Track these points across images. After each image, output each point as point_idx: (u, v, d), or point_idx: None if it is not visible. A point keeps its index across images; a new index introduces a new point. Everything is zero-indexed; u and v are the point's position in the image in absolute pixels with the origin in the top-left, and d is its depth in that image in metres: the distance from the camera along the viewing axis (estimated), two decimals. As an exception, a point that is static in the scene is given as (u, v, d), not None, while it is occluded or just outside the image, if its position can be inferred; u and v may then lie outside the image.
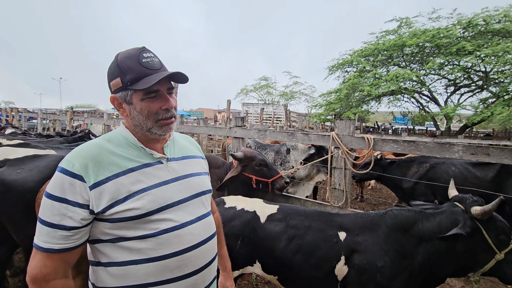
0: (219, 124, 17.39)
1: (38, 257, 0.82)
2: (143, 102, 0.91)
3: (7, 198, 1.83)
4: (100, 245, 0.89)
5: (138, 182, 0.89)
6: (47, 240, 0.81)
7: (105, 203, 0.84)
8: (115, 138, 0.95)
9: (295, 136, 2.93)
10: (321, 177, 4.17)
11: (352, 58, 14.65)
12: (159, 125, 0.93)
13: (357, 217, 1.69)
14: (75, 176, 0.82)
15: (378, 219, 1.63)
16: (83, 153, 0.87)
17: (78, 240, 0.85)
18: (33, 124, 12.51)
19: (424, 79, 13.67)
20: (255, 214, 1.81)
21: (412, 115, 19.10)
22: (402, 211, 1.64)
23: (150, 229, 0.88)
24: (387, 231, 1.57)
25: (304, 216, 1.74)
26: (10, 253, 2.09)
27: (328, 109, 14.42)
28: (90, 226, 0.87)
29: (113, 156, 0.89)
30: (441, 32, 11.79)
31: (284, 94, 27.76)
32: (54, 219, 0.81)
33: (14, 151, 2.11)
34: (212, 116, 26.86)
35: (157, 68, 0.92)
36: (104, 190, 0.84)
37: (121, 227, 0.86)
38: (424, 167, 3.71)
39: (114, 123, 6.48)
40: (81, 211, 0.82)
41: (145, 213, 0.87)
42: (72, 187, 0.82)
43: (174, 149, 1.05)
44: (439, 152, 2.12)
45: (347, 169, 2.57)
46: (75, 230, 0.83)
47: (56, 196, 0.81)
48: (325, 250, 1.59)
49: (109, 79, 0.93)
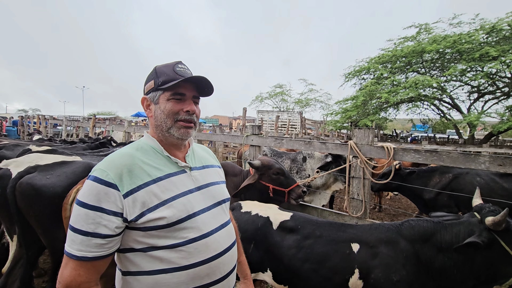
0: (234, 131, 17.52)
1: (71, 266, 0.83)
2: (168, 102, 0.97)
3: (37, 202, 1.92)
4: (130, 254, 0.91)
5: (167, 190, 0.92)
6: (81, 249, 0.82)
7: (138, 211, 0.86)
8: (141, 147, 0.98)
9: (312, 145, 2.92)
10: (338, 186, 4.10)
11: (369, 65, 14.44)
12: (178, 126, 0.97)
13: (371, 229, 1.64)
14: (110, 185, 0.85)
15: (394, 230, 1.58)
16: (116, 162, 0.89)
17: (111, 248, 0.87)
18: (58, 131, 13.11)
19: (445, 85, 13.24)
20: (268, 220, 1.81)
21: (433, 122, 18.49)
22: (419, 222, 1.58)
23: (180, 238, 0.90)
24: (404, 243, 1.51)
25: (316, 226, 1.72)
26: (38, 255, 2.18)
27: (344, 117, 14.21)
28: (122, 235, 0.89)
29: (143, 165, 0.93)
30: (462, 37, 11.43)
31: (299, 101, 27.69)
32: (89, 227, 0.82)
33: (44, 157, 2.22)
34: (227, 123, 27.12)
35: (188, 75, 0.98)
36: (136, 198, 0.87)
37: (153, 235, 0.88)
38: (447, 177, 3.57)
39: (134, 130, 6.69)
40: (116, 219, 0.84)
41: (175, 221, 0.89)
42: (106, 196, 0.84)
43: (195, 159, 1.08)
44: (463, 162, 2.04)
45: (366, 178, 2.53)
46: (110, 238, 0.84)
47: (90, 204, 0.83)
48: (336, 262, 1.55)
49: (145, 83, 1.02)
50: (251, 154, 3.45)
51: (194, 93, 1.01)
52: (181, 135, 0.98)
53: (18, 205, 1.95)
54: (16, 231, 2.07)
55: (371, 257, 1.51)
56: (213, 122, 31.58)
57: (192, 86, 1.00)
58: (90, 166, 2.19)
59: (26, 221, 1.98)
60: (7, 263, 2.25)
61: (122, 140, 6.74)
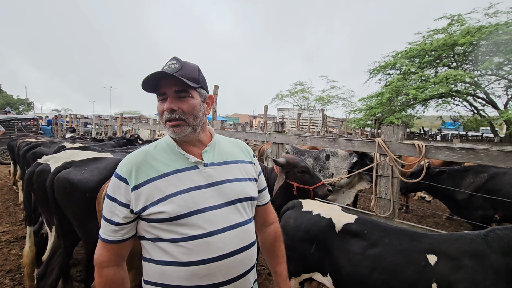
0: (255, 129, 17.55)
1: (99, 245, 0.96)
2: (158, 103, 0.99)
3: (73, 195, 2.03)
4: (144, 242, 0.97)
5: (171, 185, 0.92)
6: (104, 232, 0.95)
7: (142, 204, 0.91)
8: (160, 144, 1.02)
9: (337, 142, 2.85)
10: (363, 185, 3.98)
11: (395, 60, 13.87)
12: (167, 126, 0.98)
13: (450, 239, 1.47)
14: (121, 179, 0.94)
15: (480, 241, 1.40)
16: (130, 159, 0.97)
17: (124, 235, 0.94)
18: (88, 129, 13.82)
19: (479, 80, 12.43)
20: (331, 221, 1.71)
21: (464, 119, 17.45)
22: (507, 232, 1.40)
23: (180, 233, 0.90)
24: (493, 256, 1.34)
25: (385, 232, 1.58)
26: (74, 245, 2.31)
27: (368, 114, 13.77)
28: (135, 224, 0.96)
29: (154, 161, 0.96)
30: (500, 28, 10.66)
31: (320, 98, 27.18)
32: (107, 214, 0.94)
33: (79, 154, 2.35)
34: (248, 121, 27.21)
35: (171, 71, 0.93)
36: (141, 192, 0.92)
37: (156, 227, 0.92)
38: (482, 177, 3.34)
39: (159, 128, 6.90)
40: (124, 210, 0.92)
41: (173, 216, 0.89)
42: (119, 189, 0.93)
43: (214, 154, 1.03)
44: (504, 161, 1.90)
45: (395, 177, 2.43)
46: (120, 225, 0.93)
47: (109, 195, 0.94)
48: (409, 274, 1.41)
49: None
50: (274, 151, 3.43)
51: (175, 87, 0.94)
52: (172, 134, 0.98)
53: (56, 198, 2.07)
54: (55, 222, 2.21)
55: (453, 271, 1.36)
56: (234, 120, 31.85)
57: (173, 81, 0.94)
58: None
59: (63, 213, 2.11)
60: (46, 252, 2.41)
61: (148, 138, 6.98)
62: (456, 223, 5.14)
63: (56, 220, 2.17)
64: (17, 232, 3.97)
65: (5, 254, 3.37)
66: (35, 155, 3.32)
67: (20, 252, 3.32)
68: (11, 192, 5.96)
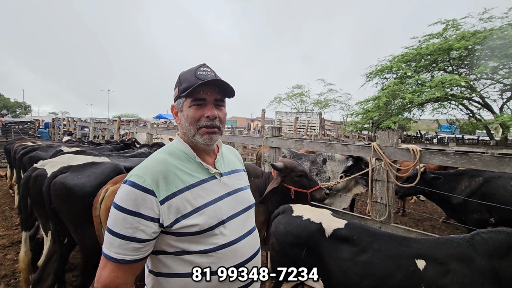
0: (252, 132, 17.57)
1: (109, 267, 0.85)
2: (190, 109, 0.96)
3: (69, 200, 2.04)
4: (163, 257, 0.93)
5: (199, 197, 0.93)
6: (119, 252, 0.84)
7: (173, 217, 0.88)
8: (174, 152, 0.99)
9: (333, 147, 2.87)
10: (360, 189, 4.00)
11: (391, 64, 13.98)
12: (201, 133, 0.96)
13: (438, 244, 1.49)
14: (147, 191, 0.85)
15: (466, 245, 1.43)
16: (152, 168, 0.90)
17: (147, 251, 0.89)
18: (85, 133, 13.77)
19: (475, 84, 12.55)
20: (321, 226, 1.72)
21: (460, 123, 17.58)
22: (492, 234, 1.43)
23: (210, 244, 0.92)
24: (479, 259, 1.36)
25: (374, 238, 1.60)
26: (70, 250, 2.30)
27: (365, 117, 13.84)
28: (157, 239, 0.91)
29: (177, 171, 0.93)
30: (494, 33, 10.81)
31: (318, 102, 27.29)
32: (127, 231, 0.83)
33: (76, 158, 2.35)
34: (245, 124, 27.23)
35: (209, 79, 0.95)
36: (171, 204, 0.88)
37: (185, 240, 0.90)
38: (477, 181, 3.38)
39: (157, 132, 6.89)
40: (153, 224, 0.86)
41: (207, 228, 0.91)
42: (144, 202, 0.85)
43: (224, 164, 1.07)
44: (497, 166, 1.92)
45: (390, 182, 2.45)
46: (146, 242, 0.86)
47: (129, 209, 0.84)
48: (398, 280, 1.43)
49: (173, 90, 1.02)
50: (271, 156, 3.45)
51: (216, 96, 0.97)
52: (205, 141, 0.97)
53: (53, 203, 2.07)
54: (51, 227, 2.20)
55: (441, 275, 1.38)
56: (231, 124, 31.87)
57: (213, 89, 0.96)
58: (118, 166, 2.28)
59: (59, 218, 2.11)
60: (42, 257, 2.40)
61: (145, 142, 6.97)
62: (453, 226, 5.17)
63: (52, 225, 2.16)
64: (13, 236, 3.95)
65: (1, 259, 3.35)
66: (31, 159, 3.31)
67: (15, 257, 3.31)
68: (7, 196, 5.92)
